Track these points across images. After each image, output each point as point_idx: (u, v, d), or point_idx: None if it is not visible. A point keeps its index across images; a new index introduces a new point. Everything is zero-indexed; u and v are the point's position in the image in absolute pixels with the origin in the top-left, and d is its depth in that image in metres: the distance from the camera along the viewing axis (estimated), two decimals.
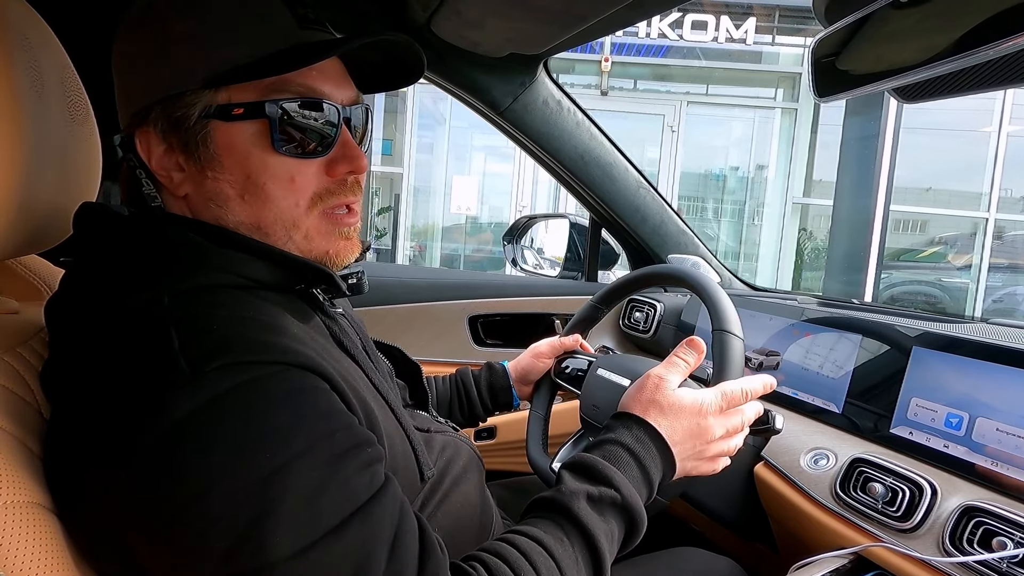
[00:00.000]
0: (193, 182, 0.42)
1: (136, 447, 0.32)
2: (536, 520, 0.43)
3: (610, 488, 0.44)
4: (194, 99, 0.40)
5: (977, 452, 0.61)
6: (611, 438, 0.48)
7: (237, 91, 0.40)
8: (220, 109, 0.40)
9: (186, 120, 0.40)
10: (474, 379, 0.79)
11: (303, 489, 0.33)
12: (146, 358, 0.34)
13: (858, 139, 4.63)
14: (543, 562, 0.39)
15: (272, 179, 0.41)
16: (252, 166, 0.41)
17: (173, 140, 0.41)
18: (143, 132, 0.41)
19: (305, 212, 0.43)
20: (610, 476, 0.45)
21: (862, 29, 0.47)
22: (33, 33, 0.42)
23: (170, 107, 0.40)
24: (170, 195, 0.43)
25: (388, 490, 0.37)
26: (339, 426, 0.37)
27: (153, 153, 0.41)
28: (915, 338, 0.70)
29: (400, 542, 0.36)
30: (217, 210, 0.42)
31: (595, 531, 0.42)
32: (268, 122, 0.40)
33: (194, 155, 0.41)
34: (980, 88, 0.46)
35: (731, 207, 5.87)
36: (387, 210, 5.60)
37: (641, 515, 0.45)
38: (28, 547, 0.33)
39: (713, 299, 0.67)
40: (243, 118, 0.40)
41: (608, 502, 0.44)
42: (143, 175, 0.42)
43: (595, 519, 0.42)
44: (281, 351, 0.36)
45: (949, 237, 5.41)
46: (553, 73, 1.01)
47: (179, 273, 0.39)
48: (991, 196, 5.07)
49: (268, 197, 0.41)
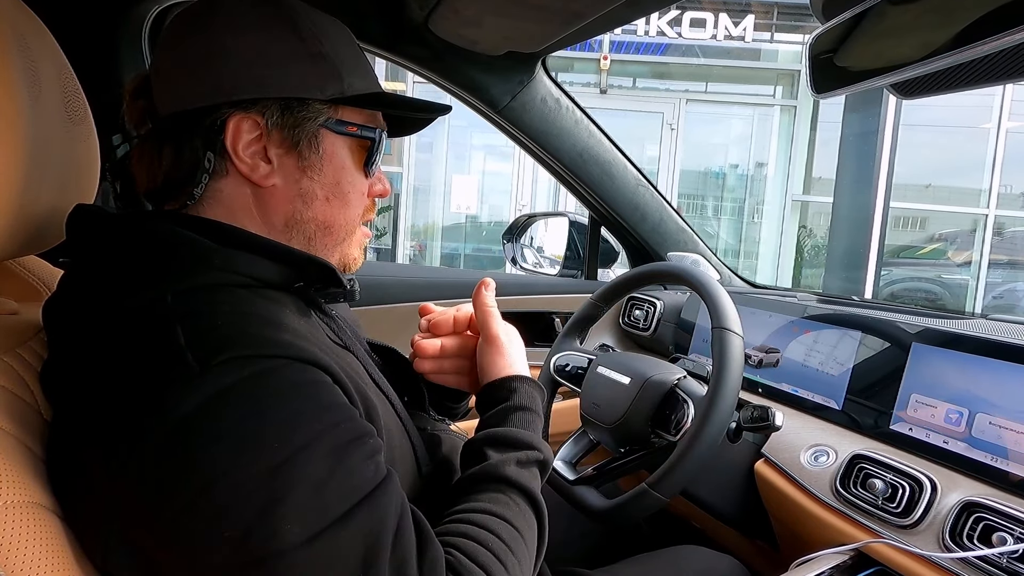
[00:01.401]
0: (286, 176, 0.46)
1: (145, 441, 0.33)
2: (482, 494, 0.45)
3: (533, 449, 0.49)
4: (321, 108, 0.45)
5: (977, 448, 0.61)
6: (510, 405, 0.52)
7: (348, 112, 0.47)
8: (337, 123, 0.46)
9: (305, 123, 0.45)
10: None
11: (311, 478, 0.34)
12: (153, 354, 0.35)
13: (857, 136, 4.63)
14: (504, 529, 0.43)
15: (353, 189, 0.48)
16: (343, 175, 0.47)
17: (279, 135, 0.45)
18: (242, 118, 0.43)
19: (357, 223, 0.50)
20: (530, 440, 0.49)
21: (859, 25, 0.47)
22: (30, 33, 0.42)
23: (294, 107, 0.44)
24: (236, 181, 0.45)
25: (391, 480, 0.38)
26: (342, 418, 0.38)
27: (242, 139, 0.43)
28: (915, 334, 0.70)
29: (402, 532, 0.37)
30: (300, 204, 0.46)
31: (534, 490, 0.47)
32: (370, 143, 0.49)
33: (301, 154, 0.45)
34: (979, 83, 0.46)
35: (730, 205, 5.87)
36: (387, 209, 5.60)
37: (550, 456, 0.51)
38: (29, 547, 0.33)
39: (712, 297, 0.67)
40: (354, 135, 0.48)
41: (534, 462, 0.49)
42: (212, 157, 0.43)
43: (528, 478, 0.47)
44: (284, 346, 0.37)
45: (949, 234, 5.41)
46: (552, 71, 1.01)
47: (180, 272, 0.39)
48: (991, 192, 5.06)
49: (347, 203, 0.48)
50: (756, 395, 0.87)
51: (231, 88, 0.43)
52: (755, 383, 0.88)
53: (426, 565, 0.37)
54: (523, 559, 0.43)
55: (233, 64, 0.43)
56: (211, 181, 0.44)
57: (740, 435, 0.72)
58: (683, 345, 1.03)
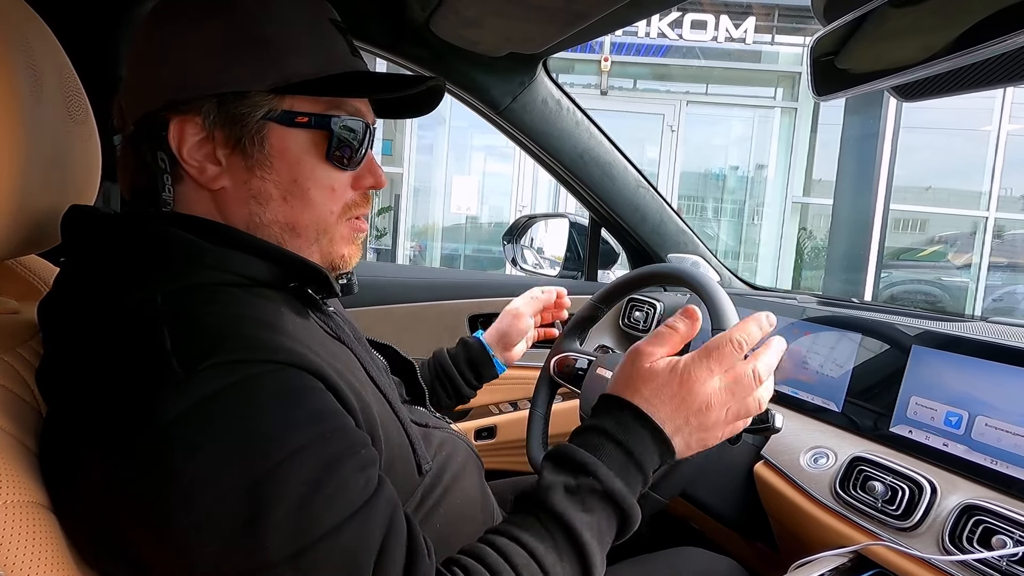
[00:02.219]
0: (234, 178, 0.43)
1: (130, 448, 0.32)
2: (516, 517, 0.42)
3: (588, 476, 0.41)
4: (260, 100, 0.41)
5: (977, 450, 0.61)
6: (590, 425, 0.44)
7: (299, 101, 0.43)
8: (284, 115, 0.42)
9: (246, 118, 0.42)
10: (452, 359, 0.77)
11: (295, 492, 0.33)
12: (139, 358, 0.34)
13: (858, 138, 4.63)
14: (522, 561, 0.38)
15: (316, 185, 0.44)
16: (301, 171, 0.43)
17: (221, 134, 0.42)
18: (183, 120, 0.41)
19: (336, 220, 0.46)
20: (587, 463, 0.41)
21: (861, 28, 0.47)
22: (32, 33, 0.42)
23: (230, 103, 0.41)
24: (192, 185, 0.43)
25: (382, 494, 0.37)
26: (333, 427, 0.37)
27: (186, 142, 0.42)
28: (915, 337, 0.70)
29: (387, 551, 0.35)
30: (255, 207, 0.43)
31: (575, 523, 0.39)
32: (328, 134, 0.44)
33: (245, 152, 0.42)
34: (979, 86, 0.46)
35: (731, 206, 5.87)
36: (387, 210, 5.61)
37: (630, 503, 0.42)
38: (28, 546, 0.33)
39: (713, 298, 0.67)
40: (305, 127, 0.43)
41: (587, 490, 0.40)
42: (165, 162, 0.42)
43: (574, 511, 0.40)
44: (274, 349, 0.36)
45: (949, 236, 5.41)
46: (552, 72, 1.01)
47: (172, 272, 0.39)
48: (991, 195, 5.07)
49: (310, 201, 0.44)
50: None
51: (168, 89, 0.42)
52: None
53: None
54: None
55: (168, 63, 0.42)
56: (176, 186, 0.43)
57: (739, 437, 0.72)
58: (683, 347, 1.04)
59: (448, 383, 0.76)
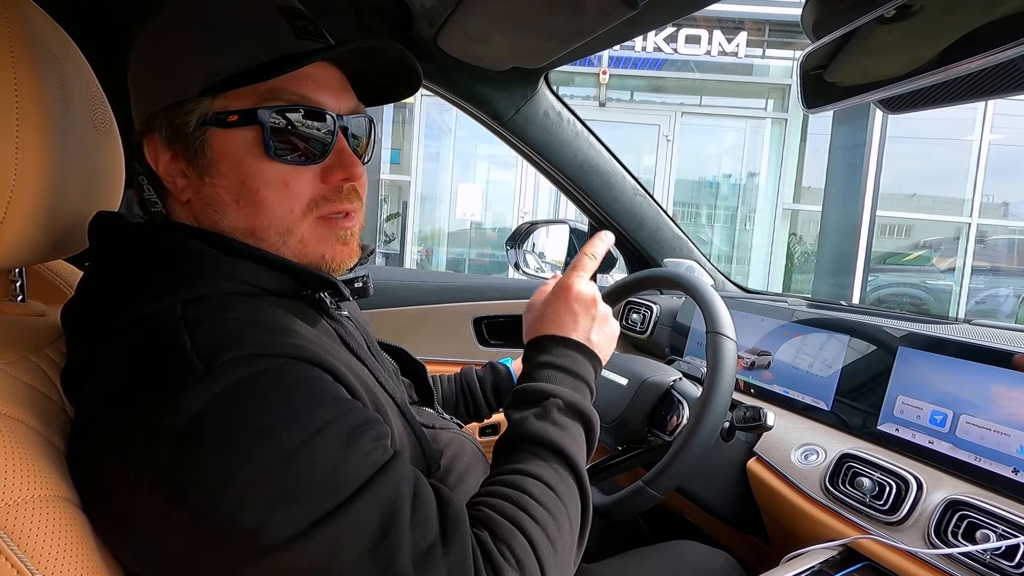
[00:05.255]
0: (193, 188, 0.43)
1: (160, 441, 0.33)
2: (503, 459, 0.44)
3: (549, 397, 0.45)
4: (193, 107, 0.41)
5: (961, 448, 0.62)
6: (529, 365, 0.50)
7: (233, 99, 0.41)
8: (216, 116, 0.41)
9: (186, 127, 0.41)
10: (479, 380, 0.80)
11: (325, 462, 0.34)
12: (162, 359, 0.36)
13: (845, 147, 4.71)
14: (531, 486, 0.41)
15: (266, 185, 0.42)
16: (247, 172, 0.41)
17: (176, 148, 0.42)
18: (151, 140, 0.43)
19: (300, 218, 0.43)
20: (543, 390, 0.46)
21: (848, 43, 0.48)
22: (60, 49, 0.44)
23: (172, 115, 0.41)
24: (175, 201, 0.45)
25: (401, 457, 0.38)
26: (349, 407, 0.38)
27: (160, 160, 0.43)
28: (901, 338, 0.72)
29: (420, 495, 0.37)
30: (214, 215, 0.43)
31: (556, 439, 0.43)
32: (260, 128, 0.41)
33: (194, 161, 0.42)
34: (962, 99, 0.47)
35: (724, 213, 5.93)
36: (395, 216, 5.65)
37: (588, 408, 0.46)
38: (53, 540, 0.34)
39: (707, 302, 0.68)
40: (237, 125, 0.41)
41: (554, 409, 0.45)
42: (145, 181, 0.44)
43: (551, 429, 0.44)
44: (289, 347, 0.38)
45: (933, 241, 5.48)
46: (553, 85, 1.03)
47: (191, 282, 0.40)
48: (973, 202, 5.16)
49: (262, 202, 0.42)
50: (748, 396, 0.89)
51: (140, 112, 0.44)
52: (747, 384, 0.89)
53: (448, 521, 0.37)
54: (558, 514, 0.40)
55: (137, 88, 0.44)
56: (164, 201, 0.45)
57: (733, 434, 0.74)
58: (678, 348, 1.05)
59: (471, 402, 0.79)
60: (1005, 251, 5.35)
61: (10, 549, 0.32)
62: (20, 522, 0.33)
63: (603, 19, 0.69)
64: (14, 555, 0.32)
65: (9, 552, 0.32)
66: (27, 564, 0.32)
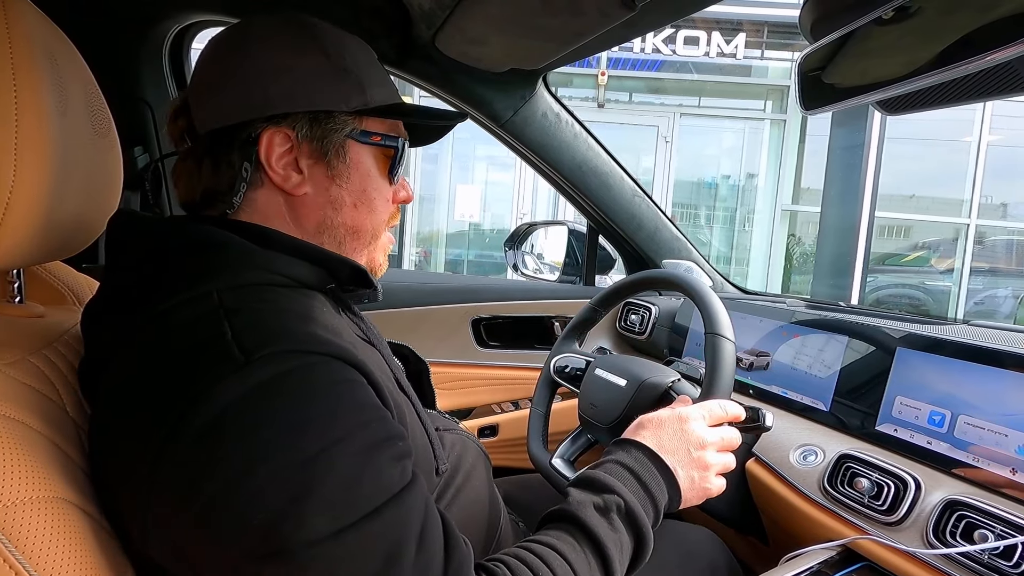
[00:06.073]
0: (316, 185, 0.48)
1: (187, 428, 0.34)
2: (549, 531, 0.46)
3: (614, 495, 0.47)
4: (346, 119, 0.48)
5: (959, 448, 0.62)
6: (610, 459, 0.52)
7: (371, 123, 0.50)
8: (362, 134, 0.49)
9: (333, 134, 0.47)
10: None
11: (342, 473, 0.35)
12: (199, 346, 0.36)
13: (844, 148, 4.72)
14: (559, 565, 0.42)
15: (379, 195, 0.51)
16: (370, 183, 0.50)
17: (308, 147, 0.47)
18: (275, 131, 0.46)
19: (383, 226, 0.52)
20: (612, 485, 0.48)
21: (847, 45, 0.48)
22: (59, 51, 0.44)
23: (322, 119, 0.47)
24: (270, 190, 0.47)
25: (417, 484, 0.39)
26: (374, 418, 0.39)
27: (275, 151, 0.46)
28: (899, 339, 0.72)
29: (427, 533, 0.37)
30: (330, 211, 0.49)
31: (603, 537, 0.45)
32: (394, 151, 0.51)
33: (329, 164, 0.48)
34: (960, 101, 0.48)
35: (723, 214, 5.94)
36: None
37: (645, 524, 0.47)
38: (53, 541, 0.33)
39: (706, 303, 0.69)
40: (377, 144, 0.50)
41: (614, 509, 0.46)
42: (247, 170, 0.46)
43: (603, 526, 0.45)
44: (324, 343, 0.38)
45: (932, 242, 5.50)
46: (552, 87, 1.03)
47: (227, 272, 0.41)
48: (972, 203, 5.17)
49: (373, 209, 0.50)
50: (747, 396, 0.89)
51: (264, 104, 0.45)
52: (746, 385, 0.90)
53: (452, 567, 0.37)
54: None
55: (265, 81, 0.46)
56: (247, 191, 0.47)
57: None
58: (677, 348, 1.05)
59: None
60: (1004, 252, 5.36)
61: (9, 551, 0.32)
62: (19, 523, 0.32)
63: (601, 21, 0.70)
64: (13, 557, 0.32)
65: (8, 554, 0.32)
66: (26, 566, 0.32)
